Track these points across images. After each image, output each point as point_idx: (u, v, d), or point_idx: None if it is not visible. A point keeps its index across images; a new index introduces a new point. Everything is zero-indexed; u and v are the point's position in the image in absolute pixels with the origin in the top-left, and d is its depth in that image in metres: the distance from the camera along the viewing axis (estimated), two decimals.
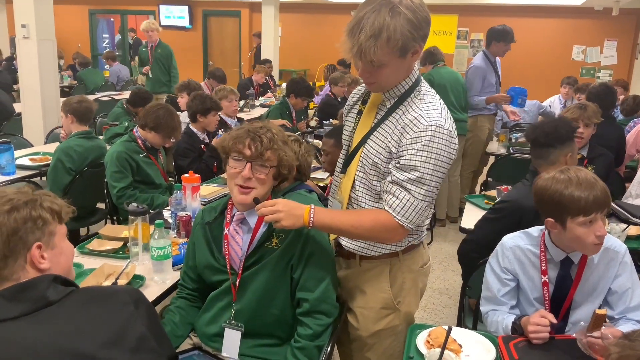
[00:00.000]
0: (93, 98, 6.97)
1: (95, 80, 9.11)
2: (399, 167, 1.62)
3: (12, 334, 1.11)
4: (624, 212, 2.89)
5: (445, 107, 1.68)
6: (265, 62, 9.28)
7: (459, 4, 10.87)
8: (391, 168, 1.66)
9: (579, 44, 10.63)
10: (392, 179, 1.64)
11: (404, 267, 1.84)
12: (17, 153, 3.94)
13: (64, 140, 3.91)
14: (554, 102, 6.81)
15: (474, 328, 2.14)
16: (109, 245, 2.37)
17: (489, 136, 5.32)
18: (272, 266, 1.77)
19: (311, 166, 2.39)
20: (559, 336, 1.73)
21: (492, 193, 3.38)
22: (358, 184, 1.77)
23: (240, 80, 8.71)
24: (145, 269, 2.17)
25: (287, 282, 1.79)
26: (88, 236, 3.42)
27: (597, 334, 1.56)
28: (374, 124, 1.74)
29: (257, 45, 10.63)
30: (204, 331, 1.88)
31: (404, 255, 1.83)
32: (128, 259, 2.24)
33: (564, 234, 1.76)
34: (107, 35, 15.15)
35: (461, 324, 2.31)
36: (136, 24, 14.24)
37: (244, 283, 1.80)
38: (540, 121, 2.93)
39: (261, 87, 8.54)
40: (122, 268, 2.06)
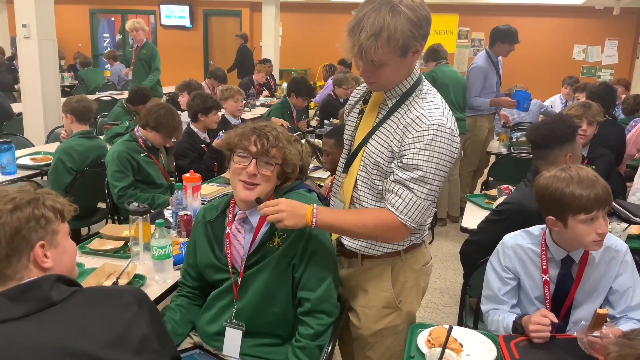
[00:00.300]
0: (94, 98, 6.98)
1: (96, 80, 9.12)
2: (401, 166, 1.62)
3: (15, 334, 1.11)
4: (625, 211, 2.89)
5: (446, 106, 1.68)
6: (265, 62, 9.28)
7: (459, 4, 10.87)
8: (393, 167, 1.66)
9: (579, 43, 10.63)
10: (394, 178, 1.64)
11: (406, 267, 1.84)
12: (18, 153, 3.94)
13: (64, 140, 3.92)
14: (555, 102, 6.80)
15: (474, 327, 2.14)
16: (109, 245, 2.37)
17: (489, 136, 5.32)
18: (273, 265, 1.76)
19: (310, 166, 2.39)
20: (560, 335, 1.73)
21: (493, 192, 3.37)
22: (360, 184, 1.77)
23: (241, 80, 8.70)
24: (146, 268, 2.17)
25: (288, 281, 1.79)
26: (89, 236, 3.44)
27: (598, 333, 1.56)
28: (375, 123, 1.74)
29: (241, 45, 10.61)
30: (204, 330, 1.88)
31: (406, 255, 1.83)
32: (129, 258, 2.24)
33: (565, 232, 1.76)
34: (107, 35, 15.16)
35: (462, 323, 2.31)
36: None
37: (245, 282, 1.80)
38: (539, 122, 2.92)
39: (262, 86, 8.54)
40: (123, 267, 2.06)
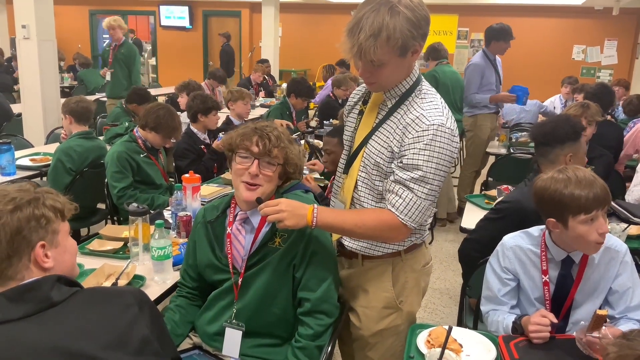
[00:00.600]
0: (93, 98, 7.00)
1: (96, 81, 9.10)
2: (401, 166, 1.63)
3: (16, 335, 1.10)
4: (624, 211, 2.89)
5: (446, 106, 1.68)
6: (263, 62, 9.30)
7: (459, 4, 10.88)
8: (394, 167, 1.66)
9: (579, 43, 10.64)
10: (394, 178, 1.64)
11: (406, 267, 1.84)
12: (18, 154, 3.94)
13: (64, 140, 3.92)
14: (554, 102, 6.81)
15: (474, 328, 2.14)
16: (109, 246, 2.37)
17: (490, 135, 5.32)
18: (274, 266, 1.76)
19: (304, 167, 2.40)
20: (560, 336, 1.73)
21: (493, 193, 3.38)
22: (360, 184, 1.77)
23: (240, 81, 8.70)
24: (145, 269, 2.17)
25: (289, 281, 1.79)
26: (88, 236, 3.43)
27: (597, 334, 1.56)
28: (375, 123, 1.74)
29: (223, 45, 10.59)
30: (204, 330, 1.88)
31: (406, 255, 1.83)
32: (128, 259, 2.24)
33: (565, 233, 1.76)
34: (107, 36, 15.13)
35: (461, 323, 2.31)
36: (136, 24, 14.25)
37: (246, 282, 1.80)
38: (545, 120, 2.93)
39: (260, 86, 8.54)
40: (122, 268, 2.06)
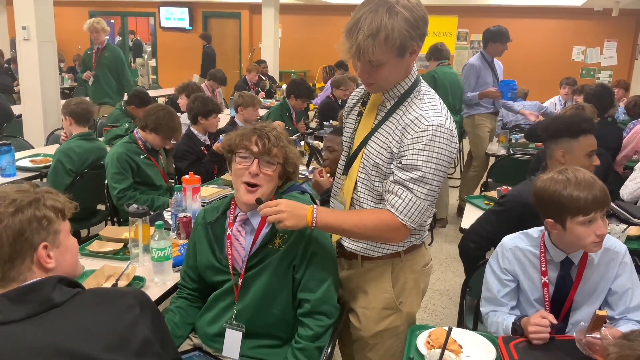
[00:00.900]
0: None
1: None
2: (400, 166, 1.63)
3: (17, 336, 1.10)
4: (624, 212, 2.90)
5: (445, 107, 1.68)
6: (260, 63, 9.33)
7: (458, 5, 10.89)
8: (393, 168, 1.66)
9: (579, 44, 10.64)
10: (394, 179, 1.64)
11: (406, 268, 1.84)
12: (18, 155, 3.94)
13: (64, 142, 3.92)
14: (553, 103, 6.81)
15: (474, 329, 2.14)
16: (109, 247, 2.37)
17: (490, 135, 5.32)
18: (274, 267, 1.77)
19: (309, 167, 2.40)
20: (559, 337, 1.73)
21: (493, 194, 3.38)
22: (360, 185, 1.77)
23: (237, 82, 8.70)
24: (145, 270, 2.17)
25: (289, 282, 1.79)
26: (88, 237, 3.43)
27: (597, 335, 1.56)
28: (374, 124, 1.74)
29: (204, 46, 10.59)
30: (205, 331, 1.88)
31: (406, 256, 1.83)
32: (128, 260, 2.24)
33: (564, 234, 1.76)
34: (107, 37, 15.16)
35: (461, 324, 2.31)
36: (136, 26, 14.28)
37: (246, 283, 1.80)
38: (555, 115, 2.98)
39: (256, 85, 8.54)
40: (122, 269, 2.05)
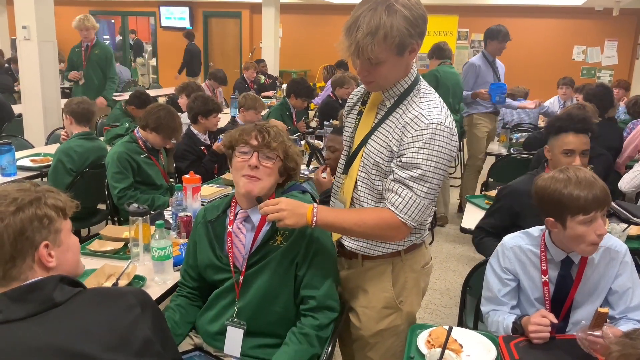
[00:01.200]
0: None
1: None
2: (400, 165, 1.63)
3: (18, 335, 1.10)
4: (624, 212, 2.89)
5: (444, 105, 1.68)
6: (259, 62, 9.35)
7: (459, 5, 10.88)
8: (393, 166, 1.66)
9: (579, 44, 10.63)
10: (394, 177, 1.64)
11: (406, 267, 1.84)
12: (18, 154, 3.94)
13: (64, 141, 3.92)
14: (553, 103, 6.81)
15: (474, 328, 2.14)
16: (109, 246, 2.37)
17: (489, 135, 5.31)
18: (276, 263, 1.77)
19: (310, 167, 2.40)
20: (560, 336, 1.73)
21: (493, 193, 3.37)
22: (360, 185, 1.77)
23: (236, 81, 8.69)
24: (146, 269, 2.18)
25: (291, 279, 1.79)
26: (89, 237, 3.43)
27: (599, 333, 1.56)
28: (374, 123, 1.74)
29: (188, 44, 10.57)
30: (206, 329, 1.88)
31: (406, 255, 1.83)
32: (129, 259, 2.24)
33: (564, 233, 1.76)
34: (107, 37, 15.18)
35: (462, 324, 2.31)
36: (137, 25, 14.28)
37: (247, 281, 1.80)
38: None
39: (254, 83, 8.55)
40: (123, 269, 2.06)
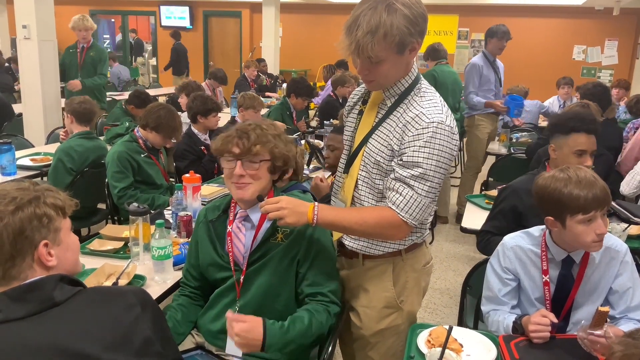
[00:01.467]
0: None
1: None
2: (401, 164, 1.63)
3: (17, 334, 1.10)
4: (624, 211, 2.89)
5: (445, 104, 1.69)
6: (259, 61, 9.35)
7: (459, 4, 10.88)
8: (394, 165, 1.66)
9: (579, 43, 10.63)
10: (395, 176, 1.64)
11: (407, 266, 1.84)
12: (18, 153, 3.94)
13: (63, 140, 3.92)
14: (553, 103, 6.81)
15: (474, 327, 2.14)
16: (109, 245, 2.37)
17: (490, 136, 5.31)
18: (277, 261, 1.78)
19: (304, 167, 2.40)
20: (560, 335, 1.73)
21: (493, 193, 3.37)
22: (361, 184, 1.77)
23: (237, 79, 8.69)
24: (146, 268, 2.18)
25: (292, 277, 1.79)
26: (89, 236, 3.43)
27: (600, 332, 1.56)
28: (375, 123, 1.74)
29: (174, 43, 10.55)
30: (208, 328, 1.88)
31: (407, 254, 1.83)
32: (129, 258, 2.24)
33: (564, 232, 1.76)
34: (107, 36, 15.19)
35: (462, 323, 2.31)
36: (137, 24, 14.27)
37: (248, 279, 1.80)
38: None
39: (255, 82, 8.55)
40: (123, 268, 2.06)
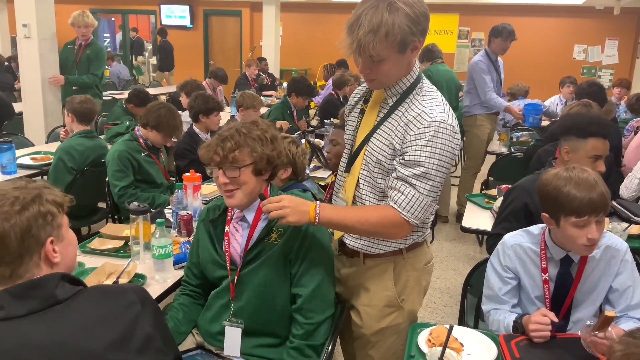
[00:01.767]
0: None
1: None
2: (403, 163, 1.63)
3: (19, 332, 1.10)
4: (625, 211, 2.89)
5: (447, 103, 1.69)
6: (260, 60, 9.35)
7: (460, 3, 10.87)
8: (395, 164, 1.66)
9: (580, 43, 10.63)
10: (396, 175, 1.64)
11: (408, 265, 1.84)
12: (19, 152, 3.94)
13: (63, 139, 3.92)
14: (553, 102, 6.80)
15: (475, 327, 2.14)
16: (110, 244, 2.37)
17: (490, 136, 5.31)
18: (272, 261, 1.77)
19: (306, 167, 2.40)
20: (561, 335, 1.73)
21: (493, 192, 3.37)
22: (362, 183, 1.77)
23: (238, 78, 8.69)
24: (146, 267, 2.18)
25: (287, 277, 1.79)
26: (89, 235, 3.43)
27: (602, 334, 1.55)
28: (376, 121, 1.74)
29: (161, 40, 10.51)
30: (207, 329, 1.88)
31: (408, 254, 1.83)
32: (129, 257, 2.24)
33: (558, 231, 1.77)
34: (108, 35, 15.17)
35: (462, 322, 2.31)
36: (137, 23, 14.26)
37: (243, 279, 1.80)
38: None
39: (255, 81, 8.54)
40: (123, 267, 2.06)
